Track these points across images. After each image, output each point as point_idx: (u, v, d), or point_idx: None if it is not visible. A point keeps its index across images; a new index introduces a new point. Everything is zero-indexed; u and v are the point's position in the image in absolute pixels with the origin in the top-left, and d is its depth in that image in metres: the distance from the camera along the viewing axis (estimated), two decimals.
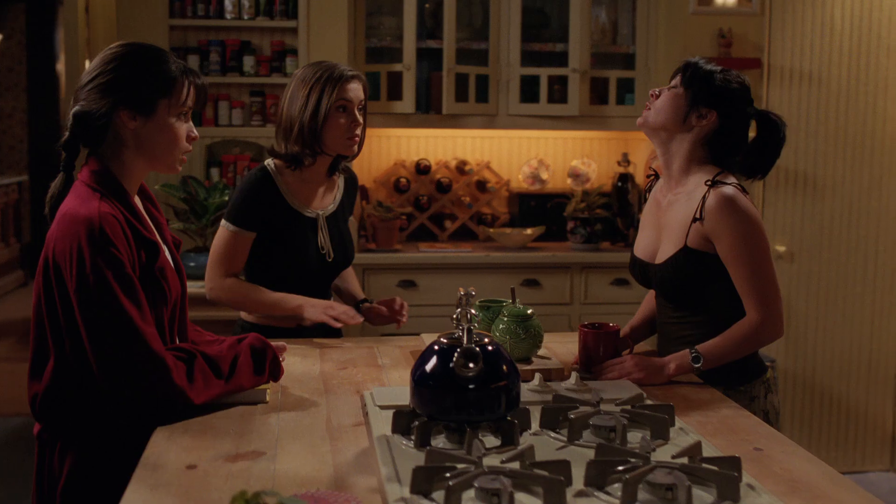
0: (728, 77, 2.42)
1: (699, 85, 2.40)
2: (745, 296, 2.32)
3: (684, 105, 2.40)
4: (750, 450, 1.87)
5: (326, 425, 1.99)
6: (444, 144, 4.95)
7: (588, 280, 4.54)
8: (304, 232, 2.80)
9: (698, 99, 2.39)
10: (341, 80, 2.72)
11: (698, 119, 2.39)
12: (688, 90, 2.40)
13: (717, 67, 2.43)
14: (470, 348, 1.79)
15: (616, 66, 4.84)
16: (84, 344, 1.94)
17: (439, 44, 4.58)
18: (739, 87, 2.43)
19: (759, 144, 2.45)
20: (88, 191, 2.02)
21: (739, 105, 2.43)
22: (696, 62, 2.44)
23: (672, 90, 2.43)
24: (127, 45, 2.10)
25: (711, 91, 2.39)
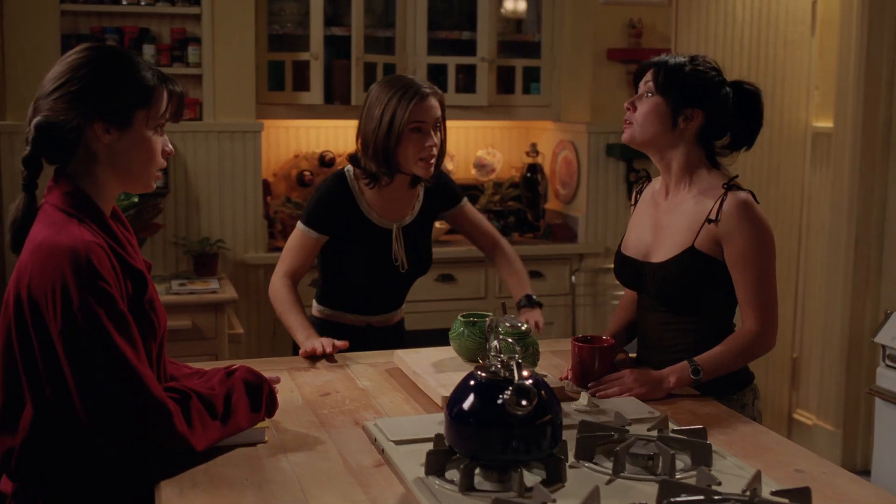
0: (700, 68, 2.34)
1: (678, 88, 2.31)
2: (747, 304, 2.29)
3: (667, 113, 2.32)
4: (791, 472, 1.83)
5: (346, 467, 1.82)
6: (345, 135, 4.76)
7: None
8: (378, 243, 2.72)
9: (680, 103, 2.32)
10: (415, 98, 2.56)
11: (686, 122, 2.33)
12: (666, 97, 2.32)
13: (684, 60, 2.34)
14: (523, 385, 1.66)
15: (522, 54, 4.77)
16: (69, 390, 1.71)
17: (343, 31, 4.39)
18: (715, 73, 2.35)
19: (741, 117, 2.38)
20: (62, 216, 1.77)
21: (720, 92, 2.35)
22: (664, 62, 2.35)
23: (649, 99, 2.33)
24: (95, 48, 1.85)
25: (691, 91, 2.32)
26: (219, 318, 3.59)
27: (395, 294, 2.86)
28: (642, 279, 2.42)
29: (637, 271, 2.43)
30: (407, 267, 2.77)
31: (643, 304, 2.47)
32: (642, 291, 2.45)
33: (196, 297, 3.58)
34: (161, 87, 1.85)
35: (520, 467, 1.69)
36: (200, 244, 3.86)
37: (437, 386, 2.20)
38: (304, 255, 2.72)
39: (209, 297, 3.58)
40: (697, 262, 2.30)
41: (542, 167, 4.79)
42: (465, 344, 2.37)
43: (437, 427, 1.97)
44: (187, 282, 3.73)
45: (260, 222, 4.10)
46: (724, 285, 2.33)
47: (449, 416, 1.75)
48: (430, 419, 2.04)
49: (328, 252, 2.75)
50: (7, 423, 1.78)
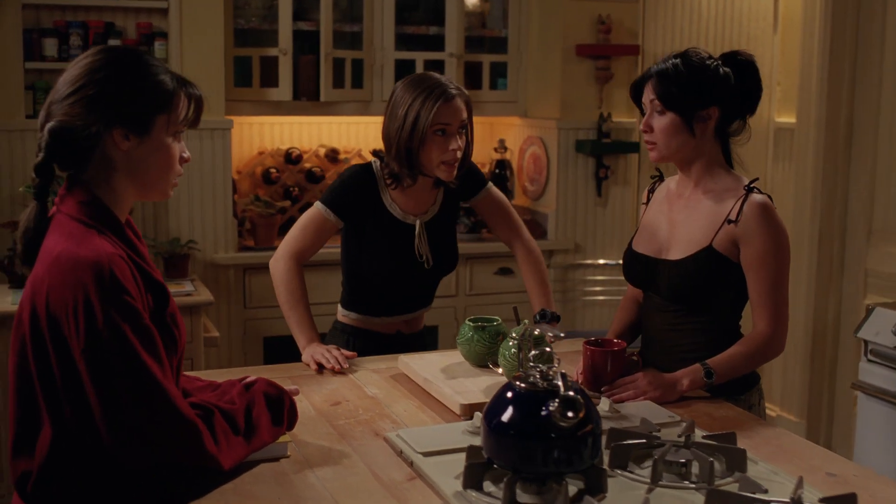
0: (696, 65, 2.29)
1: (684, 98, 2.28)
2: (760, 306, 2.29)
3: (683, 124, 2.29)
4: (824, 476, 1.83)
5: (378, 482, 1.77)
6: (309, 131, 4.68)
7: (473, 271, 4.44)
8: (401, 238, 2.61)
9: (692, 111, 2.29)
10: (440, 100, 2.46)
11: (703, 123, 2.32)
12: (676, 110, 2.28)
13: (676, 63, 2.30)
14: (570, 397, 1.63)
15: (488, 50, 4.73)
16: (90, 409, 1.63)
17: (310, 25, 4.31)
18: (711, 62, 2.31)
19: (744, 91, 2.35)
20: (79, 226, 1.69)
21: (723, 80, 2.31)
22: (662, 74, 2.30)
23: (661, 117, 2.30)
24: (112, 50, 1.77)
25: (699, 95, 2.29)
26: (194, 321, 3.49)
27: (421, 293, 2.73)
28: (654, 277, 2.40)
29: (649, 269, 2.41)
30: (432, 263, 2.66)
31: (651, 303, 2.45)
32: (652, 290, 2.43)
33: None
34: (180, 91, 1.78)
35: (564, 479, 1.66)
36: (171, 245, 3.76)
37: (452, 394, 2.16)
38: (316, 236, 2.60)
39: (184, 300, 3.48)
40: (713, 261, 2.30)
41: (511, 163, 4.77)
42: (474, 349, 2.33)
43: (462, 437, 1.94)
44: None
45: (230, 221, 4.01)
46: (735, 287, 2.33)
47: (487, 428, 1.71)
48: (452, 429, 2.00)
49: (350, 250, 2.66)
50: (22, 446, 1.69)
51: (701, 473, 1.77)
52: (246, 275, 4.05)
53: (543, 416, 1.65)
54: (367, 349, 2.64)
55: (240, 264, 4.02)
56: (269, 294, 4.05)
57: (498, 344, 2.33)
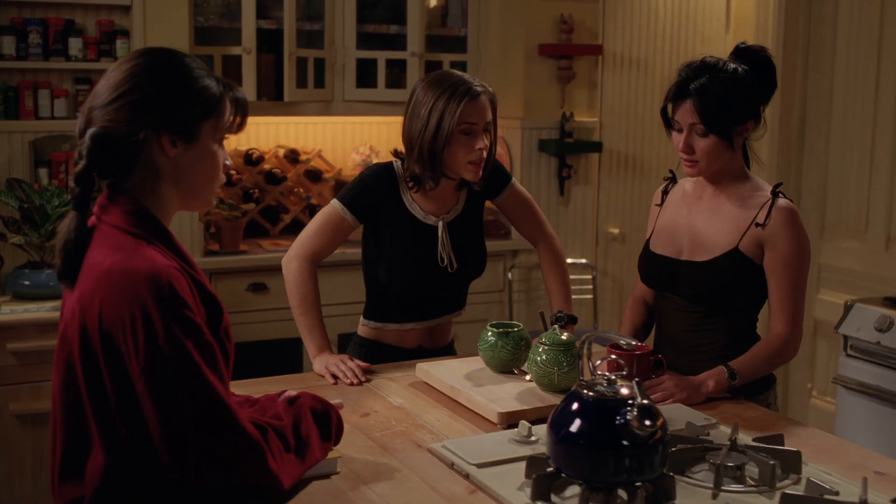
0: (728, 79, 2.27)
1: (727, 119, 2.26)
2: (780, 309, 2.31)
3: (725, 143, 2.29)
4: (873, 475, 1.85)
5: (439, 496, 1.73)
6: (266, 132, 4.58)
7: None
8: (422, 240, 2.51)
9: (731, 129, 2.29)
10: (465, 98, 2.37)
11: (741, 136, 2.33)
12: (718, 132, 2.27)
13: (717, 84, 2.24)
14: (647, 405, 1.62)
15: (448, 49, 4.69)
16: (148, 431, 1.55)
17: (269, 24, 4.21)
18: (737, 71, 2.29)
19: (760, 82, 2.34)
20: (128, 238, 1.60)
21: (752, 86, 2.30)
22: (701, 93, 2.25)
23: (704, 140, 2.27)
24: (156, 52, 1.68)
25: (738, 113, 2.28)
26: None
27: (446, 297, 2.61)
28: (676, 278, 2.40)
29: (670, 270, 2.42)
30: (456, 267, 2.55)
31: (669, 304, 2.45)
32: (671, 291, 2.43)
33: None
34: (225, 95, 1.70)
35: (639, 488, 1.65)
36: None
37: (486, 402, 2.13)
38: (332, 237, 2.51)
39: None
40: (739, 263, 2.32)
41: None
42: (499, 355, 2.30)
43: (510, 446, 1.92)
44: None
45: (196, 226, 3.88)
46: (756, 289, 2.35)
47: (555, 438, 1.68)
48: (497, 438, 1.97)
49: (369, 254, 2.57)
50: (70, 470, 1.61)
51: (762, 477, 1.78)
52: (213, 280, 3.94)
53: (617, 424, 1.63)
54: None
55: (206, 269, 3.90)
56: (236, 300, 3.97)
57: (521, 349, 2.31)
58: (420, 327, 2.60)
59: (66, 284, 1.64)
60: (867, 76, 4.32)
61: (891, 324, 3.13)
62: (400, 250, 2.52)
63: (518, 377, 2.30)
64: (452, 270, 2.55)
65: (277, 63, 4.23)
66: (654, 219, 2.56)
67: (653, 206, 2.60)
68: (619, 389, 1.67)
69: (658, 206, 2.57)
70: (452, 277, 2.56)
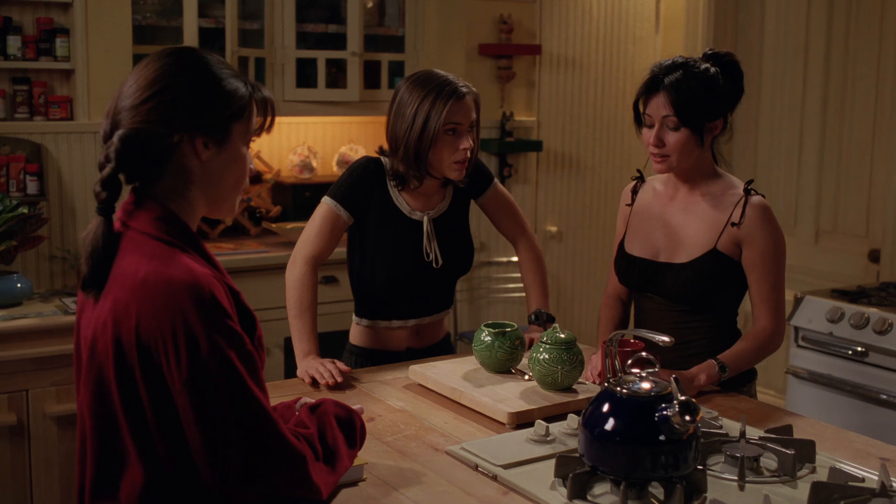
0: (701, 76, 2.32)
1: (701, 114, 2.31)
2: (762, 304, 2.37)
3: (697, 139, 2.33)
4: (877, 461, 1.92)
5: (476, 500, 1.73)
6: None
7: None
8: (408, 235, 2.50)
9: (703, 125, 2.33)
10: (451, 99, 2.37)
11: (712, 133, 2.38)
12: (691, 126, 2.31)
13: (691, 79, 2.30)
14: (688, 401, 1.64)
15: (386, 48, 4.67)
16: (185, 445, 1.51)
17: (208, 23, 4.12)
18: (714, 70, 2.34)
19: (727, 87, 2.38)
20: (161, 245, 1.55)
21: (723, 87, 2.35)
22: (678, 87, 2.30)
23: (676, 133, 2.31)
24: (183, 52, 1.63)
25: (711, 109, 2.33)
26: None
27: (433, 294, 2.60)
28: (656, 280, 2.44)
29: (650, 272, 2.45)
30: (441, 263, 2.55)
31: (650, 304, 2.48)
32: (652, 291, 2.46)
33: None
34: (251, 95, 1.67)
35: (677, 483, 1.67)
36: None
37: (493, 402, 2.13)
38: (331, 236, 2.50)
39: None
40: (718, 263, 2.36)
41: None
42: (496, 355, 2.30)
43: (529, 446, 1.93)
44: None
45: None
46: (736, 284, 2.41)
47: (590, 437, 1.70)
48: (514, 438, 1.97)
49: (354, 251, 2.56)
50: (104, 488, 1.55)
51: (782, 467, 1.83)
52: None
53: (656, 420, 1.65)
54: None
55: None
56: None
57: (517, 349, 2.32)
58: (408, 326, 2.60)
59: (91, 294, 1.57)
60: (794, 76, 4.48)
61: (842, 315, 3.25)
62: (385, 245, 2.52)
63: (515, 377, 2.31)
64: (438, 266, 2.55)
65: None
66: (626, 219, 2.58)
67: (622, 206, 2.62)
68: (654, 386, 1.70)
69: (629, 206, 2.59)
70: (438, 274, 2.57)
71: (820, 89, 4.40)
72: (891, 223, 4.02)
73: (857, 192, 4.28)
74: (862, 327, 3.18)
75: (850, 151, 4.31)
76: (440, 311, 2.66)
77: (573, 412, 2.07)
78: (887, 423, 3.00)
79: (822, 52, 4.39)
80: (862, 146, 4.26)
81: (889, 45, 4.11)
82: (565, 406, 2.14)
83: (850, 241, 4.30)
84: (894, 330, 3.10)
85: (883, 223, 4.10)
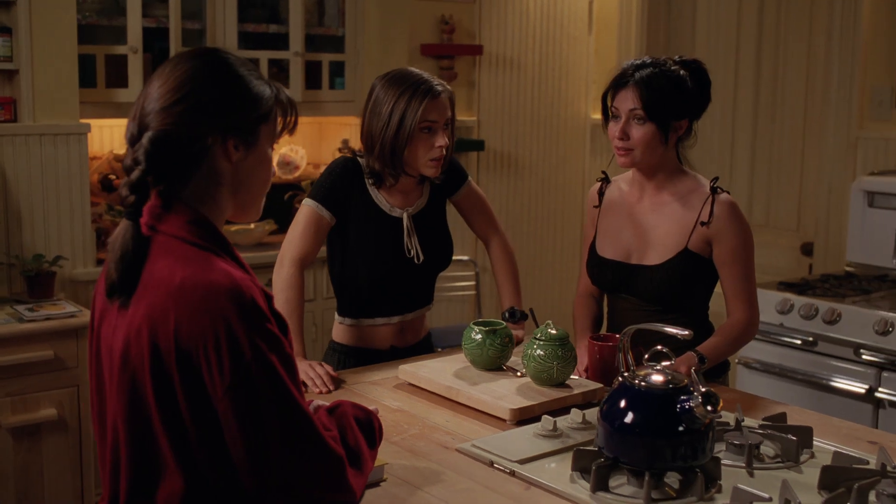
0: (673, 76, 2.39)
1: (667, 111, 2.38)
2: (735, 297, 2.44)
3: (662, 135, 2.39)
4: (868, 445, 2.02)
5: (500, 494, 1.76)
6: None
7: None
8: (388, 232, 2.50)
9: (670, 122, 2.39)
10: (427, 97, 2.40)
11: (676, 132, 2.44)
12: (657, 121, 2.37)
13: (662, 76, 2.37)
14: (710, 392, 1.70)
15: (326, 48, 4.65)
16: (224, 452, 1.50)
17: (150, 22, 4.04)
18: (683, 73, 2.41)
19: (696, 92, 2.45)
20: (194, 249, 1.54)
21: (690, 89, 2.42)
22: (649, 82, 2.37)
23: (642, 127, 2.37)
24: (210, 53, 1.62)
25: (678, 107, 2.40)
26: (80, 344, 3.20)
27: (415, 291, 2.63)
28: (630, 281, 2.49)
29: (623, 274, 2.49)
30: (423, 258, 2.58)
31: (625, 304, 2.52)
32: (626, 292, 2.51)
33: (58, 322, 3.15)
34: (277, 97, 1.67)
35: (697, 472, 1.73)
36: (35, 262, 3.39)
37: (493, 400, 2.16)
38: (315, 237, 2.51)
39: (71, 322, 3.17)
40: (690, 262, 2.43)
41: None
42: (487, 353, 2.33)
43: (538, 440, 1.97)
44: (35, 306, 3.27)
45: (89, 234, 3.68)
46: (708, 280, 2.48)
47: (610, 429, 1.75)
48: (523, 434, 2.01)
49: (335, 251, 2.58)
50: (139, 499, 1.53)
51: (785, 453, 1.90)
52: None
53: (677, 411, 1.71)
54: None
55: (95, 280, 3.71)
56: None
57: (508, 347, 2.35)
58: (392, 323, 2.62)
59: (119, 300, 1.55)
60: (726, 75, 4.62)
61: (791, 306, 3.38)
62: (366, 243, 2.54)
63: (506, 374, 2.34)
64: (419, 262, 2.58)
65: (156, 62, 4.07)
66: (594, 221, 2.62)
67: (590, 207, 2.65)
68: (671, 379, 1.76)
69: (596, 207, 2.63)
70: (419, 269, 2.60)
71: (752, 87, 4.55)
72: (823, 217, 4.19)
73: (788, 187, 4.45)
74: (812, 318, 3.31)
75: (781, 148, 4.47)
76: (422, 307, 2.69)
77: (572, 407, 2.12)
78: (836, 409, 3.13)
79: (753, 51, 4.54)
80: (793, 143, 4.42)
81: (818, 44, 4.28)
82: (563, 401, 2.19)
83: (782, 234, 4.47)
84: (843, 320, 3.24)
85: (815, 217, 4.27)
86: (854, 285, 3.55)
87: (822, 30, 4.26)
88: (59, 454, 3.22)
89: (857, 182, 3.83)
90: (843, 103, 4.07)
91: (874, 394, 3.16)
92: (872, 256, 3.77)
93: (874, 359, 3.16)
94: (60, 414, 3.20)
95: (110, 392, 1.57)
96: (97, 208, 3.89)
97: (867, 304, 3.28)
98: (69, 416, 3.23)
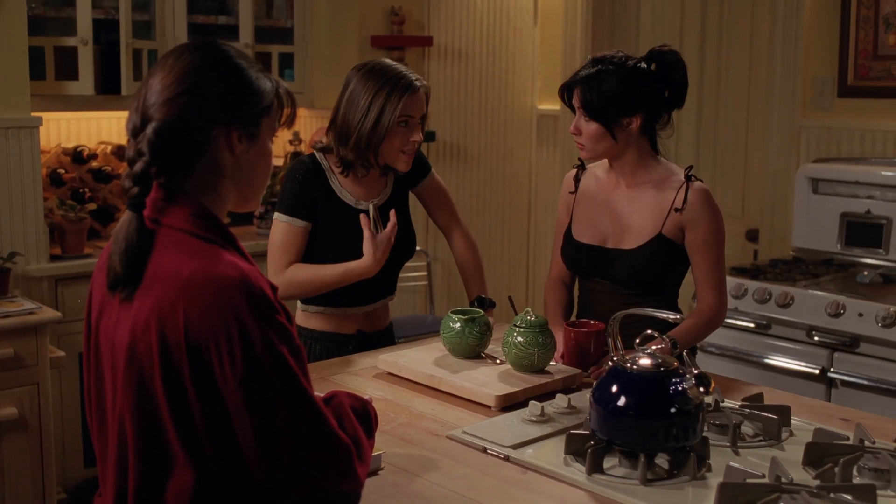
0: (612, 73, 2.43)
1: (605, 109, 2.42)
2: (706, 282, 2.52)
3: (606, 132, 2.45)
4: (840, 421, 2.10)
5: (498, 479, 1.79)
6: (88, 128, 4.31)
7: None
8: (355, 225, 2.49)
9: (613, 120, 2.44)
10: (407, 92, 2.42)
11: (628, 126, 2.47)
12: (599, 120, 2.43)
13: (603, 76, 2.41)
14: (702, 374, 1.76)
15: (274, 40, 4.63)
16: (234, 446, 1.50)
17: (99, 13, 3.98)
18: (628, 65, 2.45)
19: (668, 84, 2.50)
20: (200, 242, 1.54)
21: (647, 85, 2.46)
22: (583, 82, 2.43)
23: (588, 124, 2.44)
24: (212, 45, 1.61)
25: (619, 104, 2.43)
26: (40, 342, 3.14)
27: (380, 282, 2.62)
28: (605, 265, 2.55)
29: (598, 258, 2.55)
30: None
31: (599, 287, 2.58)
32: (601, 276, 2.57)
33: (17, 319, 3.09)
34: (277, 89, 1.67)
35: (689, 451, 1.79)
36: None
37: (476, 387, 2.20)
38: (296, 248, 2.54)
39: (30, 319, 3.11)
40: (664, 247, 2.49)
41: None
42: (466, 342, 2.36)
43: (527, 426, 2.00)
44: None
45: (41, 229, 3.61)
46: (680, 265, 2.55)
47: (604, 412, 1.80)
48: (511, 419, 2.05)
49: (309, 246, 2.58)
50: (149, 493, 1.52)
51: (767, 432, 1.97)
52: (59, 286, 3.68)
53: (670, 393, 1.76)
54: (331, 353, 2.58)
55: (52, 275, 3.65)
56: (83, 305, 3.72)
57: (486, 335, 2.39)
58: (359, 313, 2.65)
59: (123, 293, 1.54)
60: None
61: (745, 291, 3.48)
62: (335, 237, 2.56)
63: (485, 361, 2.38)
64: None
65: (105, 54, 4.01)
66: (569, 207, 2.68)
67: (566, 193, 2.71)
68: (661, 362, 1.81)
69: (572, 193, 2.69)
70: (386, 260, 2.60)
71: (696, 78, 4.65)
72: (768, 204, 4.31)
73: (733, 175, 4.56)
74: (765, 301, 3.41)
75: (725, 137, 4.58)
76: (386, 297, 2.73)
77: (556, 392, 2.16)
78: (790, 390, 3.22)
79: (696, 42, 4.64)
80: (736, 132, 4.54)
81: (761, 36, 4.39)
82: (545, 387, 2.23)
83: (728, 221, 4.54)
84: (795, 303, 3.34)
85: (760, 204, 4.39)
86: (803, 269, 3.66)
87: (764, 21, 4.37)
88: (19, 453, 3.17)
89: (801, 169, 3.95)
90: (786, 93, 4.19)
91: (827, 374, 3.27)
92: (818, 241, 3.90)
93: (826, 340, 3.27)
94: (21, 413, 3.14)
95: (114, 387, 1.56)
96: (48, 203, 3.82)
97: (817, 287, 3.39)
98: (29, 414, 3.18)
